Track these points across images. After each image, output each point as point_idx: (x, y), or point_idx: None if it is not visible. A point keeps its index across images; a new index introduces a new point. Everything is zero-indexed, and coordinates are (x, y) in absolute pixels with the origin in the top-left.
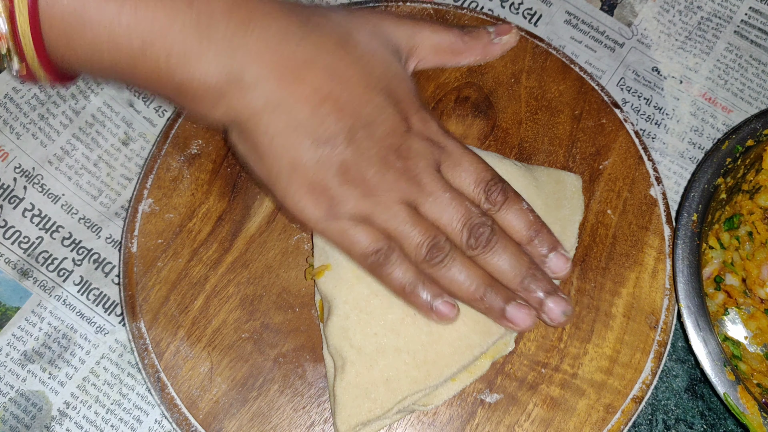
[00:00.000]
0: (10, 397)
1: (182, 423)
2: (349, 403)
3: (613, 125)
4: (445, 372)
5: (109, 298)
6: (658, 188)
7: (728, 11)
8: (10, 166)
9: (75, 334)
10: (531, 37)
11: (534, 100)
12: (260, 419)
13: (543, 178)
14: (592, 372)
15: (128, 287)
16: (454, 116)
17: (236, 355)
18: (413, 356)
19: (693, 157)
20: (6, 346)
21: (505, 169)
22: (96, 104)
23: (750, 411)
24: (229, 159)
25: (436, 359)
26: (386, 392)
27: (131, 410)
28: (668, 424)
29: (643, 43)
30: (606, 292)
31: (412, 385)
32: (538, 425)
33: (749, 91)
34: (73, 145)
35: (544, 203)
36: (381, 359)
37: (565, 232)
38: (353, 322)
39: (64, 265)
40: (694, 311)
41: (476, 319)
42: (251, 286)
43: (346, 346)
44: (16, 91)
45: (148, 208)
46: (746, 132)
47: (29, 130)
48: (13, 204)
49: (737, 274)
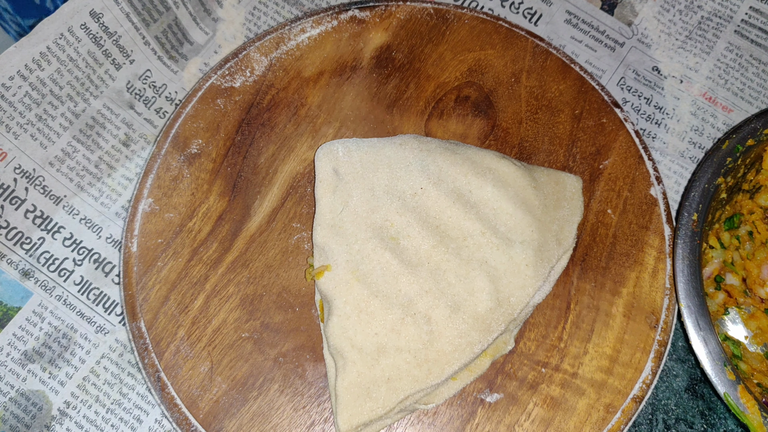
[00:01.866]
0: (11, 397)
1: (182, 422)
2: (350, 402)
3: (613, 125)
4: (447, 370)
5: (110, 298)
6: (659, 188)
7: (728, 11)
8: (9, 166)
9: (75, 334)
10: (531, 37)
11: (534, 99)
12: (260, 419)
13: (543, 179)
14: (592, 371)
15: (128, 287)
16: (455, 116)
17: (236, 354)
18: (414, 355)
19: (693, 157)
20: (7, 346)
21: (504, 168)
22: (96, 107)
23: (750, 410)
24: (230, 158)
25: (437, 357)
26: (388, 391)
27: (131, 410)
28: (668, 424)
29: (643, 43)
30: (606, 292)
31: (414, 384)
32: (538, 425)
33: (750, 91)
34: (74, 147)
35: (542, 203)
36: (382, 359)
37: (562, 232)
38: (354, 322)
39: (65, 266)
40: (695, 311)
41: (476, 316)
42: (251, 286)
43: (346, 346)
44: (7, 88)
45: (148, 208)
46: (746, 131)
47: (27, 130)
48: (14, 205)
49: (737, 274)
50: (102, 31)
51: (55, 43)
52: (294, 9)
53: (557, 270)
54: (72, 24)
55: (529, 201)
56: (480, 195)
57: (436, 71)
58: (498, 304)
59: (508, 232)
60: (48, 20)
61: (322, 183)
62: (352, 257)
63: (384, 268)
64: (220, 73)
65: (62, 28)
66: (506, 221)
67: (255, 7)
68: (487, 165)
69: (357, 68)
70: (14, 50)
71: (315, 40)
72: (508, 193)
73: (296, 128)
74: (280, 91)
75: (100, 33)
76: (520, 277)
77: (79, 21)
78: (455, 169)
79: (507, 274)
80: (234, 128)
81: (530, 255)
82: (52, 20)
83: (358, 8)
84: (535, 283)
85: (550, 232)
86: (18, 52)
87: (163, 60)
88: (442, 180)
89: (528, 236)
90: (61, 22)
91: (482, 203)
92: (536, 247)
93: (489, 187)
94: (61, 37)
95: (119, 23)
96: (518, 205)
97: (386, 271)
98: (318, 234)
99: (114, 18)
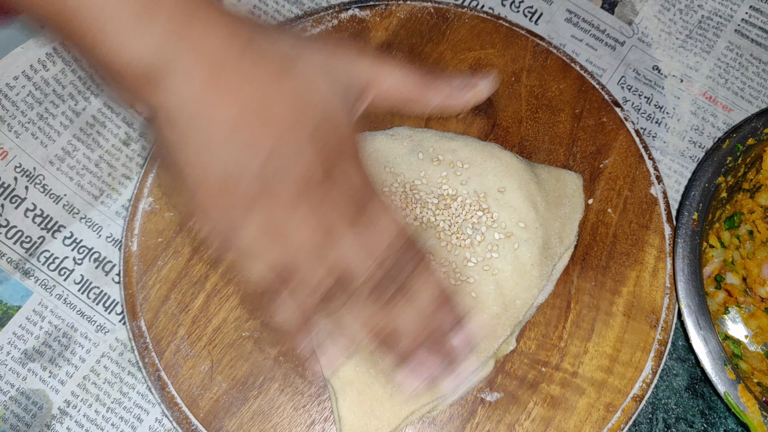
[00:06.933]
0: (11, 396)
1: (183, 422)
2: (354, 423)
3: (613, 124)
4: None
5: (110, 297)
6: (659, 187)
7: (729, 10)
8: (10, 165)
9: (75, 333)
10: (531, 36)
11: (534, 98)
12: (261, 418)
13: (544, 176)
14: (592, 371)
15: (128, 286)
16: (454, 115)
17: (237, 353)
18: None
19: (693, 156)
20: (7, 345)
21: (506, 160)
22: (96, 105)
23: (750, 410)
24: None
25: None
26: (392, 408)
27: (132, 409)
28: (668, 423)
29: (643, 42)
30: (606, 291)
31: (419, 398)
32: (538, 424)
33: (750, 90)
34: (74, 146)
35: (544, 200)
36: (381, 375)
37: (564, 230)
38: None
39: (65, 264)
40: (695, 310)
41: (481, 323)
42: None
43: (341, 366)
44: (10, 88)
45: (149, 207)
46: (747, 131)
47: (28, 129)
48: (14, 204)
49: (738, 273)
50: None
51: (61, 44)
52: (294, 8)
53: (559, 268)
54: None
55: (532, 196)
56: (483, 184)
57: (436, 70)
58: (504, 308)
59: (513, 228)
60: None
61: None
62: None
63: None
64: None
65: None
66: (511, 215)
67: (255, 6)
68: (490, 152)
69: None
70: (21, 51)
71: (315, 40)
72: (511, 185)
73: None
74: None
75: None
76: (526, 279)
77: None
78: (453, 155)
79: (513, 276)
80: None
81: (535, 254)
82: None
83: (359, 7)
84: (540, 283)
85: (552, 229)
86: (24, 53)
87: None
88: (434, 169)
89: (533, 233)
90: None
91: (485, 193)
92: (541, 246)
93: (491, 176)
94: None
95: None
96: (522, 199)
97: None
98: None
99: None
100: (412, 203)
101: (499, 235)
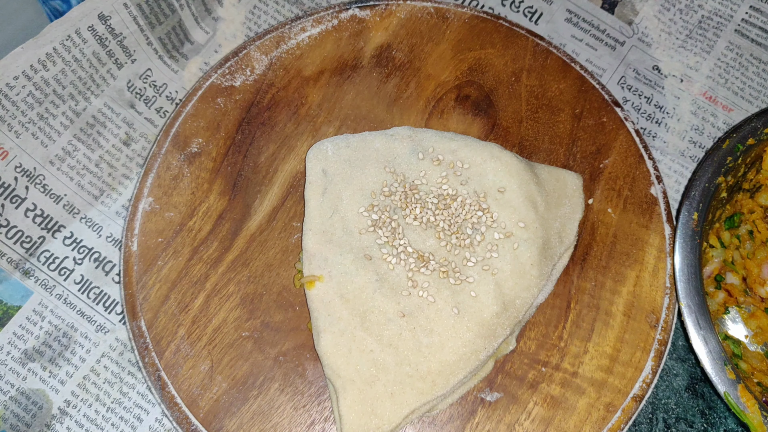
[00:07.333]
0: (11, 396)
1: (183, 422)
2: (355, 422)
3: (613, 124)
4: (452, 380)
5: (110, 297)
6: (659, 187)
7: (729, 10)
8: (10, 165)
9: (75, 333)
10: (531, 36)
11: (534, 98)
12: (261, 417)
13: (544, 176)
14: (592, 371)
15: (128, 286)
16: (455, 114)
17: (237, 353)
18: (416, 368)
19: (693, 156)
20: (7, 345)
21: (506, 160)
22: (97, 106)
23: (750, 409)
24: (230, 157)
25: (441, 369)
26: (392, 406)
27: (132, 409)
28: (668, 423)
29: (643, 42)
30: (606, 291)
31: (419, 396)
32: (538, 424)
33: (750, 90)
34: (75, 146)
35: (544, 200)
36: (381, 374)
37: (564, 230)
38: (347, 339)
39: (65, 264)
40: (695, 310)
41: (481, 322)
42: (252, 285)
43: (342, 366)
44: (11, 88)
45: (149, 207)
46: (747, 131)
47: (28, 129)
48: (15, 204)
49: (738, 273)
50: (108, 33)
51: (61, 45)
52: (294, 8)
53: (559, 268)
54: (80, 26)
55: (532, 196)
56: (483, 184)
57: (436, 70)
58: (504, 308)
59: (513, 228)
60: (56, 23)
61: (311, 185)
62: (345, 269)
63: (379, 281)
64: (220, 72)
65: (70, 30)
66: (510, 215)
67: (255, 6)
68: (490, 152)
69: (357, 67)
70: (21, 51)
71: (315, 39)
72: (511, 185)
73: (296, 127)
74: (281, 90)
75: (106, 34)
76: (525, 278)
77: (87, 23)
78: (453, 155)
79: (513, 276)
80: (234, 127)
81: (535, 254)
82: (60, 23)
83: (359, 7)
84: (539, 283)
85: (552, 229)
86: (24, 53)
87: (164, 59)
88: (434, 169)
89: (532, 233)
90: (69, 25)
91: (485, 193)
92: (540, 246)
93: (490, 176)
94: (68, 39)
95: (126, 25)
96: (522, 199)
97: (382, 284)
98: (308, 240)
99: (121, 20)
100: (412, 203)
101: (498, 234)
